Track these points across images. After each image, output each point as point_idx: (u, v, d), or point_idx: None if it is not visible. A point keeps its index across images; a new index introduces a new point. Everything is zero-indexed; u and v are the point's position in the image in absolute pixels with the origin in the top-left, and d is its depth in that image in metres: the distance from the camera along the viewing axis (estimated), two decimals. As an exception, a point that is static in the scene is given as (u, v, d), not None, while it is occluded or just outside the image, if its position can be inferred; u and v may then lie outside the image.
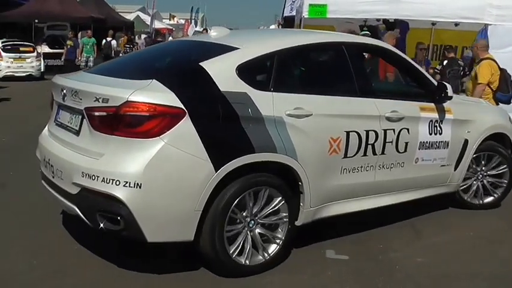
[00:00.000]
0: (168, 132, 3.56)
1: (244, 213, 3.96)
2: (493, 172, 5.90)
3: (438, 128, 5.18)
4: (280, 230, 4.16)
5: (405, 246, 4.86)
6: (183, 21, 40.25)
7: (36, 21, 23.58)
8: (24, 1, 25.27)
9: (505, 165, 5.87)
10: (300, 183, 4.18)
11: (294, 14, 13.19)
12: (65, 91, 4.03)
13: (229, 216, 3.85)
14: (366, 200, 4.77)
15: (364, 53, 5.92)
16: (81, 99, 3.82)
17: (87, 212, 3.75)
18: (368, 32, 10.13)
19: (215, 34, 4.75)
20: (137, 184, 3.50)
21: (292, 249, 4.43)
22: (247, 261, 4.00)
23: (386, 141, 4.70)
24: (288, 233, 4.19)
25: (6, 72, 18.71)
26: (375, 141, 4.60)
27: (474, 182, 5.87)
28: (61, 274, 3.96)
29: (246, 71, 4.02)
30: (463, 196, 5.82)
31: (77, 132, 3.91)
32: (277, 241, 4.15)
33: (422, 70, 5.34)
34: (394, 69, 6.46)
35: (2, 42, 19.65)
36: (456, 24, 10.84)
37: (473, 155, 5.63)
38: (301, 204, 4.27)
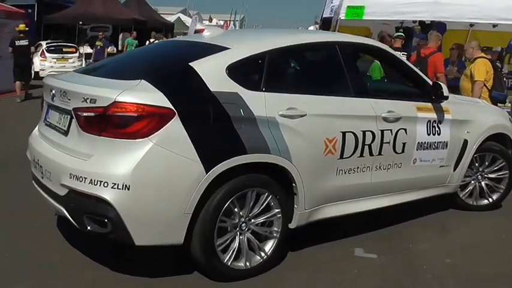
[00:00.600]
0: (157, 133, 3.48)
1: (236, 215, 3.88)
2: (493, 176, 5.81)
3: (436, 129, 5.11)
4: (275, 229, 4.09)
5: (434, 246, 4.86)
6: (221, 23, 40.24)
7: (81, 23, 24.13)
8: (69, 4, 25.76)
9: (506, 171, 5.79)
10: (294, 184, 4.10)
11: (332, 15, 13.09)
12: (53, 91, 3.96)
13: (221, 219, 3.77)
14: (362, 201, 4.70)
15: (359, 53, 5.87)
16: (69, 99, 3.75)
17: (75, 214, 3.67)
18: (401, 34, 10.08)
19: (208, 34, 4.68)
20: (125, 186, 3.42)
21: (321, 245, 4.59)
22: (247, 263, 3.95)
23: (384, 141, 4.62)
24: (282, 231, 4.11)
25: (49, 72, 18.58)
26: (371, 142, 4.53)
27: (472, 182, 5.78)
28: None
29: (237, 71, 3.94)
30: (458, 194, 5.73)
31: (66, 133, 3.84)
32: (272, 239, 4.07)
33: (417, 70, 5.25)
34: (444, 69, 6.34)
35: (47, 44, 20.16)
36: (494, 25, 10.70)
37: (473, 155, 5.54)
38: (295, 206, 4.19)
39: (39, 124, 4.38)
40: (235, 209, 3.85)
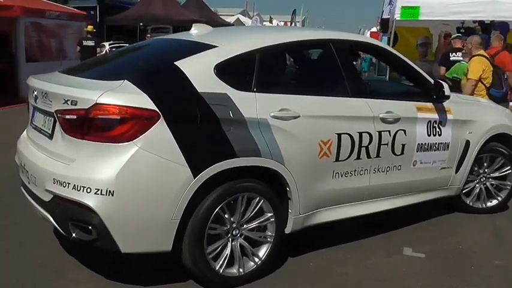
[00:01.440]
0: (141, 136, 3.34)
1: (227, 221, 3.74)
2: (496, 174, 5.64)
3: (437, 129, 4.95)
4: (268, 234, 3.96)
5: (484, 247, 4.82)
6: (282, 24, 40.14)
7: (141, 24, 24.39)
8: (129, 5, 26.35)
9: (509, 167, 5.61)
10: (287, 188, 3.96)
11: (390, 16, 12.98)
12: (35, 93, 3.84)
13: (210, 226, 3.63)
14: (360, 205, 4.55)
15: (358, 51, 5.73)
16: (51, 101, 3.62)
17: (60, 221, 3.55)
18: (460, 34, 9.90)
19: (196, 32, 4.52)
20: (109, 191, 3.29)
21: (371, 245, 4.69)
22: (240, 270, 3.83)
23: (382, 143, 4.48)
24: (276, 237, 3.98)
25: None
26: (368, 144, 4.38)
27: (477, 185, 5.62)
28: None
29: (226, 70, 3.79)
30: (464, 200, 5.57)
31: (50, 136, 3.72)
32: (267, 243, 3.95)
33: (418, 68, 5.09)
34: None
35: (110, 44, 21.04)
36: None
37: (475, 156, 5.38)
38: (289, 210, 4.05)
39: (27, 127, 4.25)
40: (226, 215, 3.71)
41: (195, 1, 27.10)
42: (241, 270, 3.84)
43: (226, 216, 3.71)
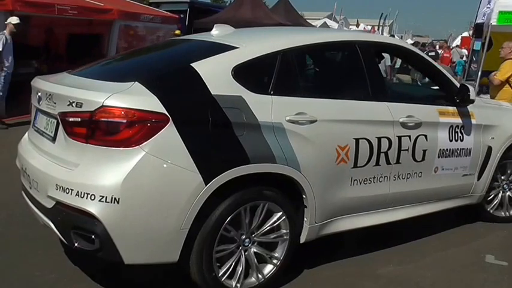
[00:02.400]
0: (149, 140, 3.13)
1: (238, 232, 3.54)
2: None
3: (459, 134, 4.73)
4: (279, 249, 3.76)
5: None
6: (369, 28, 39.71)
7: None
8: (218, 9, 26.19)
9: None
10: (303, 196, 3.75)
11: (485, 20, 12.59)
12: (39, 94, 3.64)
13: (221, 235, 3.43)
14: (379, 213, 4.34)
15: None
16: (55, 103, 3.42)
17: (62, 229, 3.34)
18: None
19: (217, 32, 4.31)
20: (114, 199, 3.08)
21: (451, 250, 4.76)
22: (238, 285, 3.59)
23: (402, 149, 4.26)
24: (288, 251, 3.77)
25: None
26: (388, 149, 4.16)
27: (499, 193, 5.40)
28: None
29: (244, 72, 3.58)
30: (486, 208, 5.34)
31: (53, 139, 3.52)
32: (274, 261, 3.74)
33: (444, 71, 4.87)
34: None
35: None
36: None
37: (498, 163, 5.14)
38: (305, 219, 3.84)
39: (29, 130, 4.06)
40: (238, 224, 3.51)
41: (283, 5, 26.67)
42: (259, 276, 3.67)
43: (238, 226, 3.51)
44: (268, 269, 3.74)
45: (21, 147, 3.98)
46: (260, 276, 3.69)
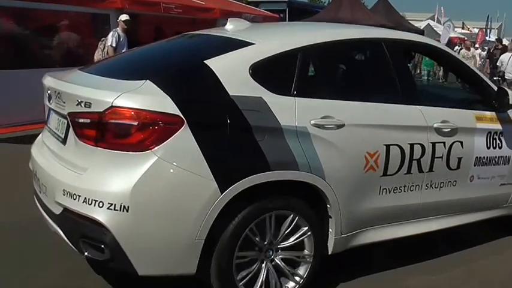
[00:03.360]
0: (162, 144, 2.91)
1: (260, 242, 3.32)
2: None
3: (497, 141, 4.41)
4: (301, 267, 3.52)
5: None
6: (476, 30, 39.07)
7: None
8: (319, 9, 25.93)
9: None
10: (328, 206, 3.49)
11: None
12: (49, 92, 3.46)
13: (240, 247, 3.21)
14: (410, 224, 4.06)
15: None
16: (64, 102, 3.23)
17: (71, 237, 3.16)
18: None
19: (231, 27, 4.06)
20: (124, 207, 2.88)
21: None
22: None
23: (435, 156, 3.97)
24: (312, 269, 3.53)
25: None
26: (421, 157, 3.87)
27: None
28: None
29: (263, 71, 3.33)
30: None
31: (63, 141, 3.32)
32: (297, 279, 3.49)
33: (480, 73, 4.56)
34: None
35: None
36: None
37: None
38: (330, 230, 3.59)
39: (43, 130, 3.88)
40: (258, 235, 3.28)
41: (382, 5, 26.26)
42: None
43: (257, 237, 3.28)
44: (303, 270, 3.53)
45: (33, 148, 3.80)
46: (298, 278, 3.50)
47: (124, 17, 9.87)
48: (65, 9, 9.68)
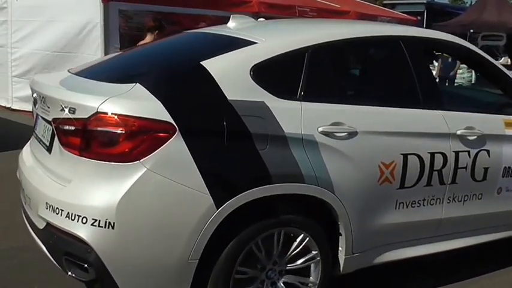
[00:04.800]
0: (151, 154, 2.65)
1: (260, 263, 3.05)
2: None
3: None
4: (312, 279, 3.26)
5: None
6: None
7: (472, 30, 22.79)
8: (460, 11, 25.45)
9: None
10: (338, 222, 3.19)
11: None
12: (34, 96, 3.22)
13: (238, 269, 2.94)
14: (430, 242, 3.74)
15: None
16: (48, 107, 2.99)
17: (54, 254, 2.92)
18: None
19: (233, 25, 3.79)
20: (109, 223, 2.62)
21: None
22: None
23: (459, 166, 3.64)
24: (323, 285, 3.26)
25: None
26: (442, 167, 3.56)
27: None
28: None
29: (266, 73, 3.05)
30: None
31: (49, 149, 3.08)
32: None
33: (509, 73, 4.21)
34: None
35: None
36: None
37: None
38: (339, 248, 3.29)
39: (31, 137, 3.65)
40: (258, 255, 3.00)
41: None
42: None
43: (259, 257, 3.01)
44: None
45: (20, 156, 3.57)
46: None
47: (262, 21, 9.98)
48: (202, 13, 10.08)
